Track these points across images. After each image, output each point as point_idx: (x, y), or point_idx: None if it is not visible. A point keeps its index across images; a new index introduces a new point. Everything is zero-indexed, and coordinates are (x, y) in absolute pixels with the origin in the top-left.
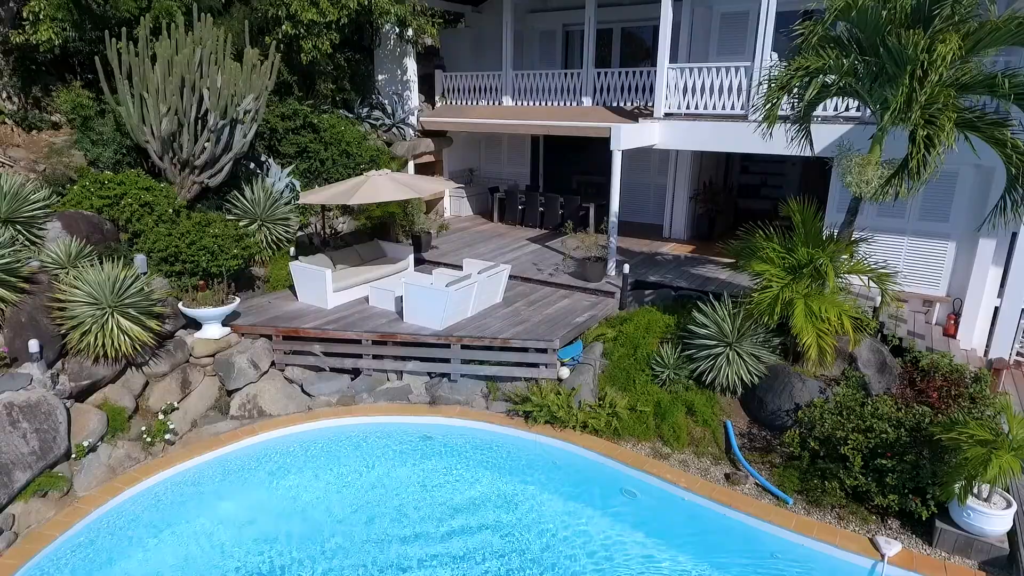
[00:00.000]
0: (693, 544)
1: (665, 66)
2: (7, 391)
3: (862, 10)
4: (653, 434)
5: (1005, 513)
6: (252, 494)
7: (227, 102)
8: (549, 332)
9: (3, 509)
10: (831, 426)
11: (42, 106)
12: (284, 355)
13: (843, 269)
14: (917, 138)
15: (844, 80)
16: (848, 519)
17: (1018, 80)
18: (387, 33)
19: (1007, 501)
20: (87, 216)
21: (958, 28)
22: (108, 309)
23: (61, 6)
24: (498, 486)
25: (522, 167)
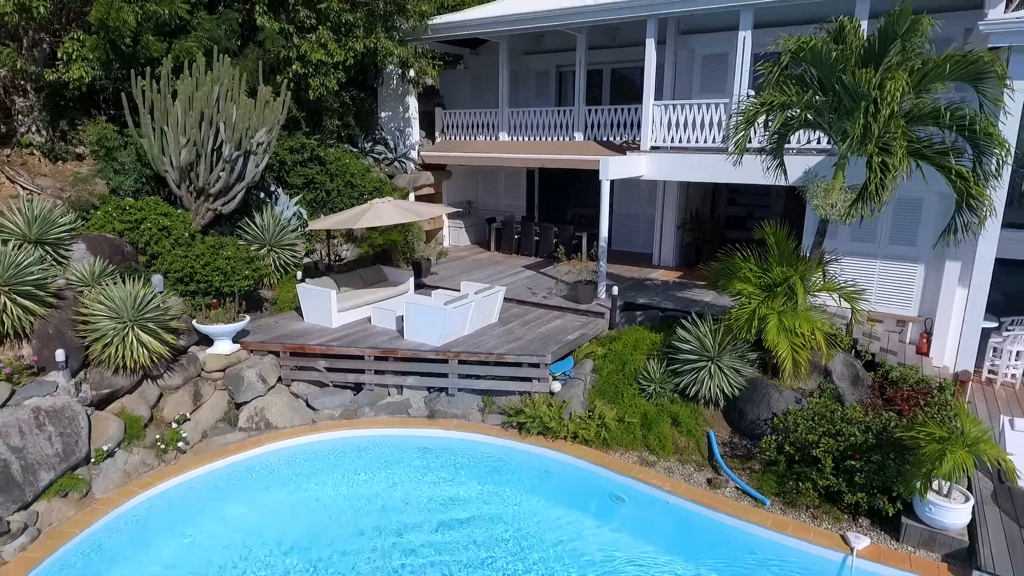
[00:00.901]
0: (677, 543)
1: (651, 103)
2: (35, 396)
3: (815, 51)
4: (640, 444)
5: (964, 507)
6: (258, 499)
7: (241, 135)
8: (542, 348)
9: (29, 506)
10: (804, 431)
11: (68, 139)
12: (291, 371)
13: (815, 288)
14: (873, 164)
15: (805, 113)
16: (822, 518)
17: (960, 113)
18: (390, 73)
19: (965, 496)
20: (109, 239)
21: (907, 66)
22: (128, 323)
23: (95, 47)
24: (493, 492)
25: (518, 199)
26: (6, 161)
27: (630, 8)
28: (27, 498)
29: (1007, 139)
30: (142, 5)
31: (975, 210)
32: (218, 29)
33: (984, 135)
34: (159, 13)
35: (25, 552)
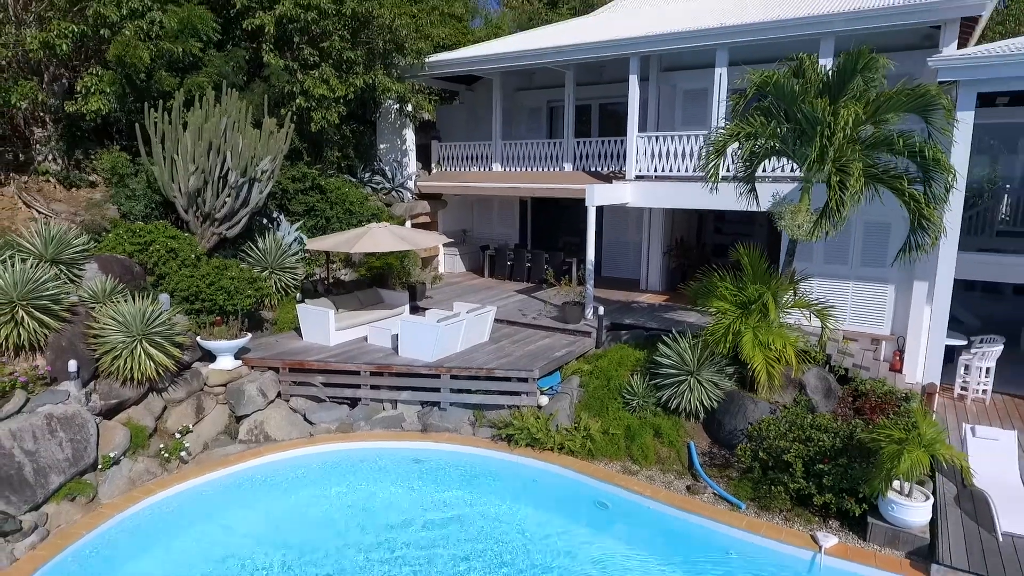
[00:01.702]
0: (657, 544)
1: (634, 135)
2: (48, 404)
3: (777, 84)
4: (623, 454)
5: (924, 505)
6: (257, 506)
7: (247, 163)
8: (530, 364)
9: (39, 507)
10: (775, 437)
11: (82, 167)
12: (289, 386)
13: (788, 305)
14: (832, 183)
15: (770, 142)
16: (794, 520)
17: (911, 140)
18: (388, 108)
19: (925, 495)
20: (120, 259)
21: (862, 97)
22: (137, 337)
23: (112, 81)
24: (483, 500)
25: (511, 227)
26: (24, 187)
27: (613, 47)
28: (38, 499)
29: (953, 165)
30: (156, 44)
31: (927, 230)
32: (227, 65)
33: (933, 161)
34: (173, 51)
35: (35, 550)
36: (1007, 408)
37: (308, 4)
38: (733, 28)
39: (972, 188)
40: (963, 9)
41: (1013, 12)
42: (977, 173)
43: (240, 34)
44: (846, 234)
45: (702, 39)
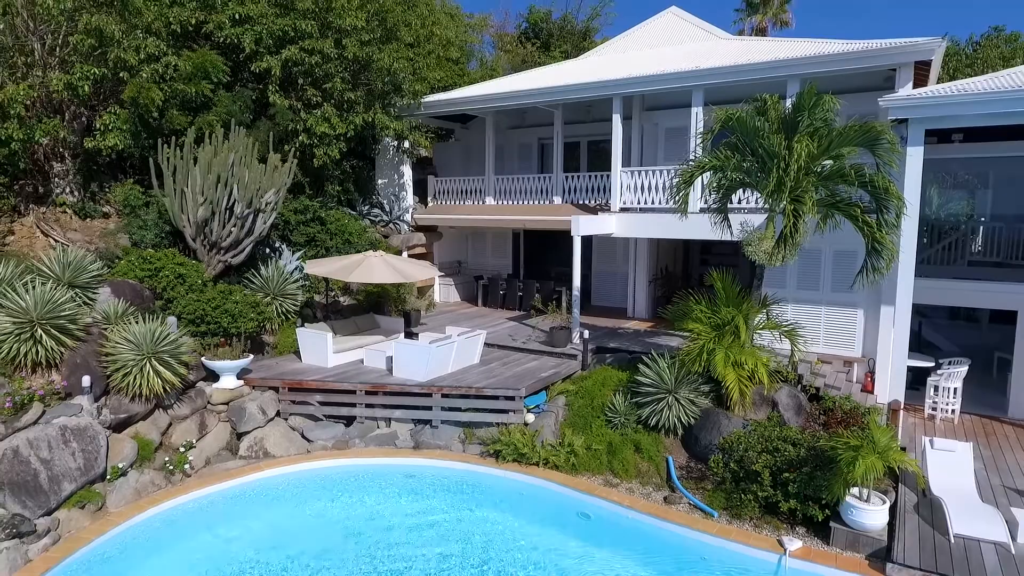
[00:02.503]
0: (636, 550)
1: (618, 169)
2: (63, 416)
3: (740, 120)
4: (605, 468)
5: (881, 509)
6: (256, 517)
7: (252, 195)
8: (517, 383)
9: (52, 513)
10: (745, 448)
11: (96, 199)
12: (288, 405)
13: (759, 326)
14: (787, 212)
15: (735, 174)
16: (763, 527)
17: (862, 171)
18: (387, 145)
19: (883, 500)
20: (131, 284)
21: (816, 133)
22: (146, 355)
23: (128, 119)
24: (471, 512)
25: (504, 258)
26: (42, 217)
27: (596, 88)
28: (51, 505)
29: (903, 194)
30: (171, 85)
31: (880, 254)
32: (235, 105)
33: (882, 190)
34: (186, 91)
35: (47, 553)
36: (974, 427)
37: (312, 49)
38: (706, 71)
39: (948, 220)
40: (913, 54)
41: (981, 56)
42: (954, 207)
43: (248, 76)
44: (816, 262)
45: (678, 81)
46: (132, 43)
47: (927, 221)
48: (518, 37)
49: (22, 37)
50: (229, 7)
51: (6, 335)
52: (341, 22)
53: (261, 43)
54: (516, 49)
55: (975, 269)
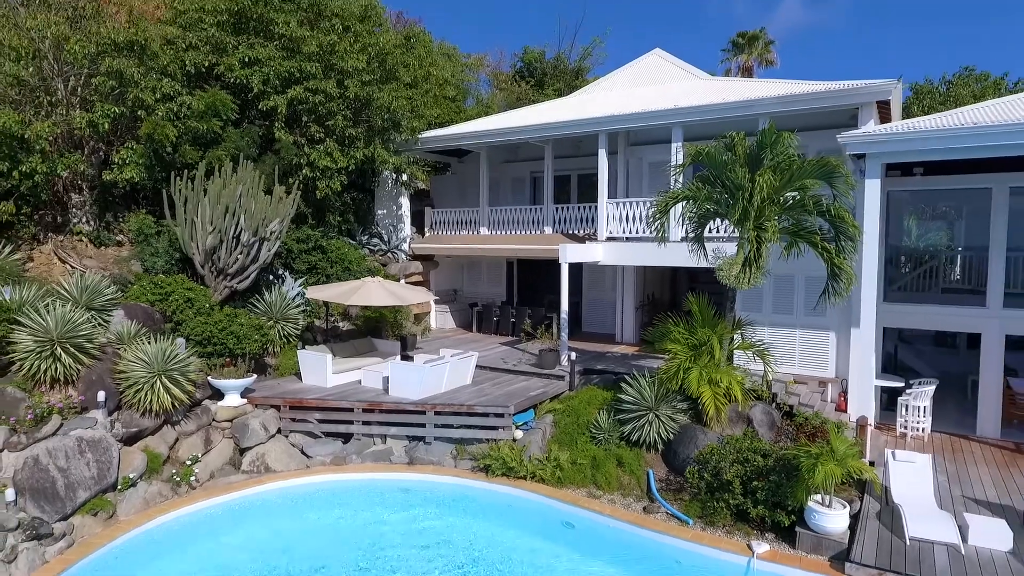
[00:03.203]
0: (616, 556)
1: (604, 201)
2: (79, 429)
3: (710, 155)
4: (589, 481)
5: (842, 513)
6: (257, 525)
7: (258, 224)
8: (506, 401)
9: (67, 518)
10: (718, 459)
11: (111, 228)
12: (289, 422)
13: (733, 347)
14: (751, 238)
15: (707, 204)
16: (735, 533)
17: (819, 202)
18: (386, 178)
19: (843, 505)
20: (143, 307)
21: (777, 168)
22: (157, 373)
23: (144, 154)
24: (463, 522)
25: (499, 287)
26: (59, 245)
27: (583, 125)
28: (67, 511)
29: (858, 222)
30: (184, 123)
31: (839, 277)
32: (243, 140)
33: (839, 219)
34: (198, 128)
35: (63, 555)
36: (943, 444)
37: (316, 89)
38: (684, 109)
39: (925, 250)
40: (872, 94)
41: (953, 94)
42: (932, 237)
43: (255, 113)
44: (790, 287)
45: (658, 119)
46: (149, 84)
47: (905, 250)
48: (513, 76)
49: (48, 79)
50: (239, 50)
51: (28, 352)
52: (344, 64)
53: (268, 83)
54: (511, 87)
55: (947, 295)
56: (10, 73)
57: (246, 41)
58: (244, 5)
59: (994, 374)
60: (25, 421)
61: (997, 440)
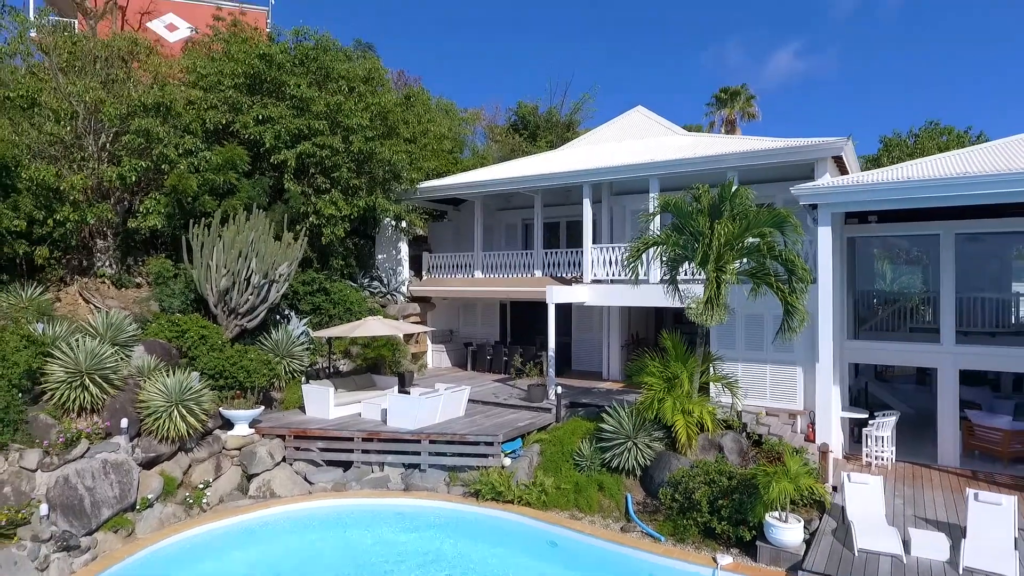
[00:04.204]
0: (595, 570)
1: (589, 246)
2: (104, 452)
3: (677, 205)
4: (572, 504)
5: (797, 527)
6: (264, 544)
7: (268, 267)
8: (496, 431)
9: (92, 533)
10: (687, 481)
11: (131, 271)
12: (293, 451)
13: (704, 379)
14: (711, 279)
15: (675, 249)
16: (703, 548)
17: (774, 248)
18: (386, 224)
19: (798, 520)
20: (161, 343)
21: (736, 217)
22: (174, 403)
23: (167, 204)
24: (454, 542)
25: (493, 327)
26: (84, 287)
27: (568, 177)
28: (92, 527)
29: (817, 265)
30: (203, 175)
31: (792, 315)
32: (255, 190)
33: (790, 262)
34: (216, 180)
35: (87, 567)
36: (905, 472)
37: (323, 144)
38: (659, 163)
39: (893, 293)
40: (826, 150)
41: (920, 146)
42: (905, 280)
43: (266, 166)
44: (760, 325)
45: (636, 171)
46: (173, 140)
47: (874, 293)
48: (507, 128)
49: (81, 136)
50: (254, 109)
51: (60, 383)
52: (348, 121)
53: (280, 139)
54: (506, 139)
55: (914, 334)
56: (50, 132)
57: (260, 101)
58: (259, 69)
59: (950, 405)
60: (56, 444)
61: (956, 468)
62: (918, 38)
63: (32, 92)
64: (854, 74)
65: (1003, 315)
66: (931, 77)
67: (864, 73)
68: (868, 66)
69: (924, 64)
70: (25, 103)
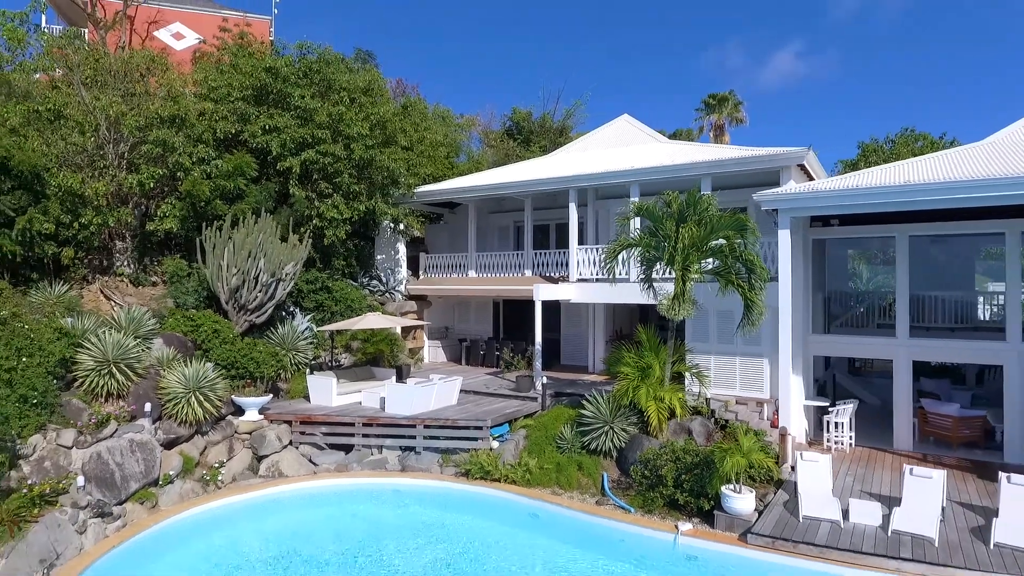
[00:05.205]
0: (572, 538)
1: (575, 247)
2: (130, 433)
3: (648, 210)
4: (553, 482)
5: (749, 497)
6: (272, 517)
7: (275, 267)
8: (485, 416)
9: (122, 504)
10: (655, 459)
11: (148, 270)
12: (299, 436)
13: (674, 369)
14: (677, 277)
15: (648, 251)
16: (668, 517)
17: (737, 250)
18: (385, 227)
19: (751, 490)
20: (178, 336)
21: (701, 221)
22: (192, 390)
23: (182, 208)
24: (446, 515)
25: (486, 324)
26: (105, 285)
27: (555, 182)
28: (122, 497)
29: (777, 265)
30: (215, 181)
31: (751, 310)
32: (262, 195)
33: (750, 262)
34: (226, 186)
35: (119, 532)
36: (862, 454)
37: (326, 152)
38: (638, 170)
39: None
40: (790, 159)
41: (896, 152)
42: (880, 280)
43: (272, 172)
44: (731, 321)
45: (617, 177)
46: (187, 149)
47: (843, 291)
48: (502, 134)
49: (102, 146)
50: (261, 120)
51: (89, 371)
52: (349, 131)
53: (285, 147)
54: (500, 144)
55: (881, 329)
56: (75, 143)
57: (266, 111)
58: (266, 82)
59: (904, 394)
60: (89, 425)
61: (910, 452)
62: (918, 39)
63: (59, 106)
64: (854, 75)
65: (962, 312)
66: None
67: (863, 74)
68: (867, 67)
69: (924, 65)
70: (52, 116)
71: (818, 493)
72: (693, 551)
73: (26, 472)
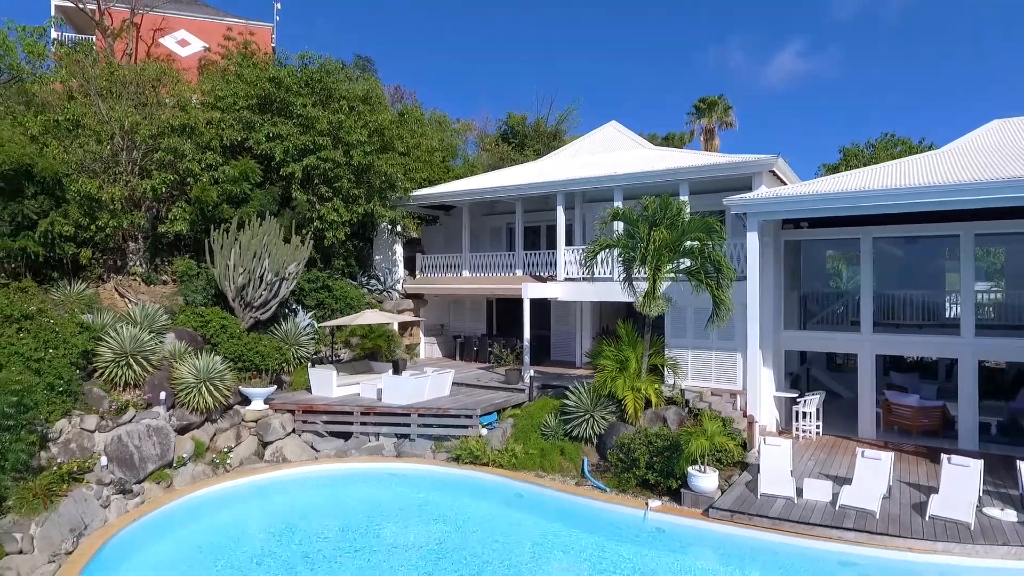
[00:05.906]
0: (553, 515)
1: (562, 248)
2: (147, 419)
3: (624, 214)
4: (537, 466)
5: (712, 476)
6: (277, 497)
7: (279, 267)
8: (475, 405)
9: (140, 482)
10: (630, 443)
11: (159, 270)
12: (302, 424)
13: (650, 362)
14: (649, 275)
15: (626, 252)
16: (640, 496)
17: (708, 250)
18: (383, 228)
19: (715, 470)
20: (188, 331)
21: (672, 225)
22: (203, 380)
23: (191, 212)
24: (438, 496)
25: (480, 321)
26: (119, 283)
27: (543, 187)
28: (140, 477)
29: (746, 266)
30: (222, 186)
31: (719, 307)
32: (266, 199)
33: (718, 263)
34: (233, 191)
35: (138, 508)
36: (828, 442)
37: (326, 158)
38: (621, 175)
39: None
40: (761, 165)
41: (876, 157)
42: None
43: (276, 177)
44: (706, 318)
45: (601, 182)
46: (196, 156)
47: (819, 291)
48: (497, 138)
49: (117, 153)
50: (264, 127)
51: (108, 363)
52: (349, 138)
53: (288, 153)
54: (495, 148)
55: (853, 326)
56: (93, 151)
57: (270, 119)
58: (269, 91)
59: (868, 386)
60: (109, 411)
61: (873, 440)
62: (917, 40)
63: (77, 116)
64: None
65: (929, 310)
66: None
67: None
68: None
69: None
70: (71, 125)
71: (777, 474)
72: (661, 524)
73: (54, 452)
